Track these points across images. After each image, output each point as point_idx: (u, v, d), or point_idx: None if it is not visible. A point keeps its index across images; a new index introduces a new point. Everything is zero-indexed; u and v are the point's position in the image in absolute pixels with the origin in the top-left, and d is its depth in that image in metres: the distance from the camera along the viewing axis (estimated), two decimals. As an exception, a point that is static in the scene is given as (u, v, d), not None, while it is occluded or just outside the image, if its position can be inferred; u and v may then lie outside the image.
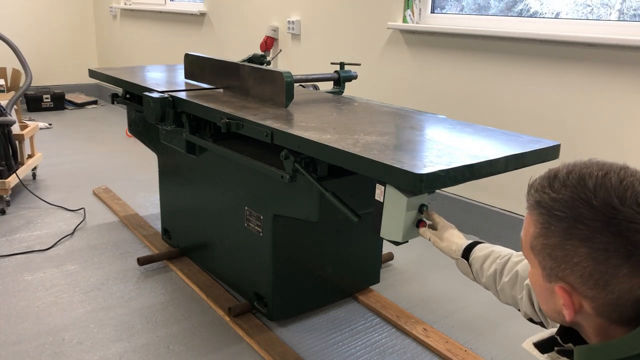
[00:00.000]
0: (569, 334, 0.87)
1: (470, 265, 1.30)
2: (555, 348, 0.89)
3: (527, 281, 1.16)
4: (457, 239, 1.35)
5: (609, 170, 0.75)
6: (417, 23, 3.20)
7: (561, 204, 0.75)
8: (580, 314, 0.79)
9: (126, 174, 3.88)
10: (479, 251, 1.29)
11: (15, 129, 3.35)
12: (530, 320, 1.20)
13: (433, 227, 1.41)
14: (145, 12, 5.72)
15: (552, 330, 0.92)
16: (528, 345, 0.92)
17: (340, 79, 2.53)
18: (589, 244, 0.73)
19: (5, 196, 3.17)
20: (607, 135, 2.47)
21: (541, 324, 1.17)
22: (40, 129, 5.00)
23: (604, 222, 0.72)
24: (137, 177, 3.81)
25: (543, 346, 0.90)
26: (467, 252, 1.31)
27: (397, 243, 1.38)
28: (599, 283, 0.73)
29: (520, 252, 1.23)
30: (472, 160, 1.38)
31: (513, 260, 1.22)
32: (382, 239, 1.71)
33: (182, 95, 2.17)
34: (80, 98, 6.35)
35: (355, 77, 2.58)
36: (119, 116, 5.76)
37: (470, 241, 1.34)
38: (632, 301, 0.73)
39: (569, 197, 0.74)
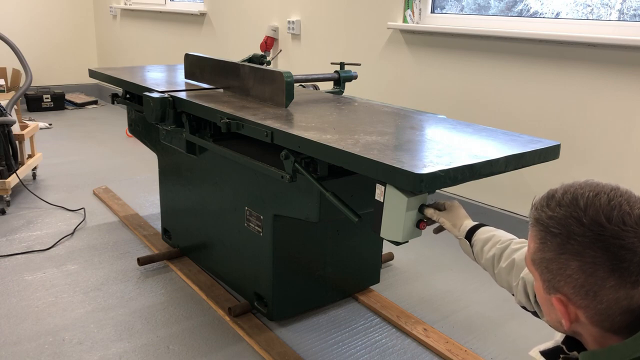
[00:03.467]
0: (573, 343, 0.92)
1: (471, 246, 1.34)
2: (561, 356, 0.94)
3: (523, 273, 1.20)
4: (463, 220, 1.39)
5: (600, 191, 0.81)
6: (417, 23, 3.20)
7: (556, 222, 0.82)
8: (577, 324, 0.84)
9: (126, 174, 3.88)
10: (481, 234, 1.33)
11: (16, 129, 3.35)
12: (524, 308, 1.25)
13: (439, 207, 1.43)
14: (145, 12, 5.72)
15: (557, 339, 0.96)
16: (535, 353, 0.97)
17: (340, 79, 2.53)
18: (580, 257, 0.79)
19: (5, 196, 3.17)
20: (607, 135, 2.47)
21: (535, 314, 1.22)
22: (40, 129, 5.00)
23: (592, 238, 0.78)
24: (137, 177, 3.81)
25: (549, 355, 0.95)
26: (470, 233, 1.35)
27: (397, 243, 1.38)
28: (589, 294, 0.80)
29: (520, 240, 1.28)
30: (472, 160, 1.38)
31: (512, 248, 1.26)
32: (382, 239, 1.71)
33: (182, 95, 2.17)
34: (80, 98, 6.35)
35: (355, 77, 2.58)
36: (119, 116, 5.77)
37: (475, 223, 1.38)
38: (620, 311, 0.80)
39: (563, 215, 0.82)
